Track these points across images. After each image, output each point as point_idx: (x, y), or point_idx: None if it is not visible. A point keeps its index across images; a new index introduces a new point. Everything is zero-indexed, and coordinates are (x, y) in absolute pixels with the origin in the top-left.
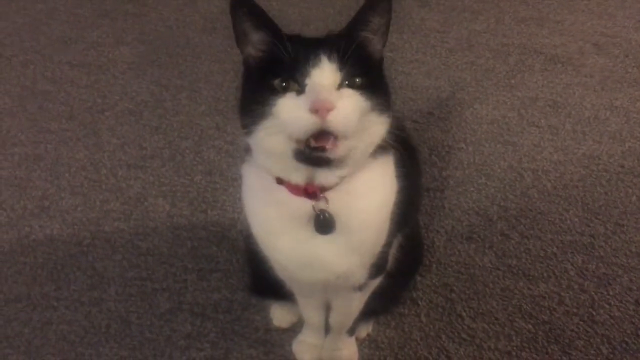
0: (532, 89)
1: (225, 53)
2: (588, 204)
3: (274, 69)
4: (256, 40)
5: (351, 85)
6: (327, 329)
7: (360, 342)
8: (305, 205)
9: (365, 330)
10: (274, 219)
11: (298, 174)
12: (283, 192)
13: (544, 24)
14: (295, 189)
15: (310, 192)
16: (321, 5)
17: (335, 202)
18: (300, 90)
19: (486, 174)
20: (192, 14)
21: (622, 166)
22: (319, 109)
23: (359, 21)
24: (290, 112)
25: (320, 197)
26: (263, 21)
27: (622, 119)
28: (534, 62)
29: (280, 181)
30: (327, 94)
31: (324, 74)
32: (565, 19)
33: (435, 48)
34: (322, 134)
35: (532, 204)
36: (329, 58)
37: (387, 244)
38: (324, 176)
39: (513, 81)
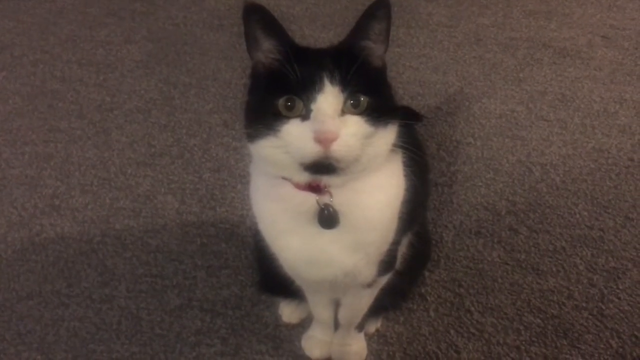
0: (540, 83)
1: (233, 50)
2: (597, 198)
3: (280, 84)
4: (266, 48)
5: (356, 105)
6: (336, 324)
7: (369, 338)
8: (309, 199)
9: (374, 325)
10: (279, 216)
11: (301, 177)
12: (287, 187)
13: (552, 17)
14: (299, 184)
15: (314, 186)
16: (328, 2)
17: (339, 197)
18: (305, 116)
19: (494, 169)
20: (199, 11)
21: (632, 159)
22: (322, 140)
23: (359, 30)
24: (295, 139)
25: (324, 191)
26: (275, 30)
27: (632, 112)
28: (543, 56)
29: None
30: (331, 123)
31: (328, 100)
32: (573, 12)
33: (442, 43)
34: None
35: (540, 198)
36: (331, 81)
37: (396, 242)
38: (328, 179)
39: (521, 75)
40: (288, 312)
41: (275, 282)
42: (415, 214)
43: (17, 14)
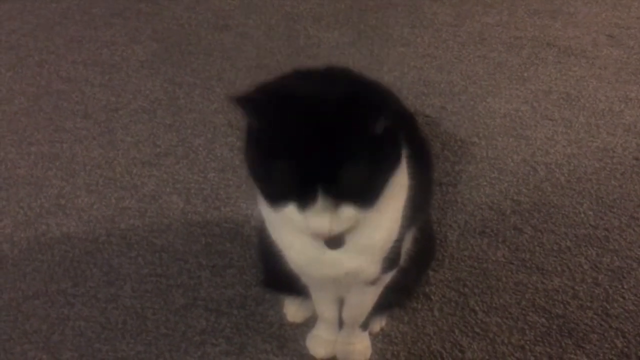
0: (545, 82)
1: (237, 50)
2: (602, 197)
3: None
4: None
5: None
6: (340, 323)
7: (373, 337)
8: None
9: (378, 324)
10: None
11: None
12: None
13: (557, 16)
14: None
15: None
16: (332, 1)
17: None
18: (300, 209)
19: (499, 168)
20: (204, 11)
21: (637, 159)
22: (318, 235)
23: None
24: (294, 218)
25: None
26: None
27: (637, 111)
28: (547, 55)
29: None
30: (324, 228)
31: (320, 214)
32: (578, 11)
33: (447, 42)
34: None
35: (545, 197)
36: (326, 194)
37: (399, 239)
38: None
39: (526, 74)
40: (292, 311)
41: (279, 279)
42: (419, 209)
43: (23, 14)
